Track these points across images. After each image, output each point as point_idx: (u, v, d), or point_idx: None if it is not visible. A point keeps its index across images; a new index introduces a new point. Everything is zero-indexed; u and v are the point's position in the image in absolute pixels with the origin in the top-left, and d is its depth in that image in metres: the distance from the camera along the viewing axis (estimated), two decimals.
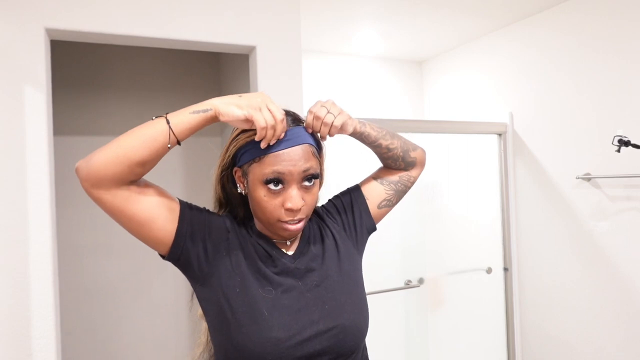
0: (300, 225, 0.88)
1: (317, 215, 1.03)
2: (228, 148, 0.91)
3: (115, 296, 2.24)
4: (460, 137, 2.56)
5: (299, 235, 0.97)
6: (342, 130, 0.92)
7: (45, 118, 1.41)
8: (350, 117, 0.94)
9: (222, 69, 2.39)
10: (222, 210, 0.98)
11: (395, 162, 1.06)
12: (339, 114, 0.91)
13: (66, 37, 1.50)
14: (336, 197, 1.07)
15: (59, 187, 1.57)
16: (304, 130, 0.90)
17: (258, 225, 0.95)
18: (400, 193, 1.08)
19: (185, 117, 0.80)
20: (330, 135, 0.91)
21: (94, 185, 0.78)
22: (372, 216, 1.05)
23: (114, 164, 0.76)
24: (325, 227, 1.00)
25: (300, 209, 0.86)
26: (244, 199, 0.96)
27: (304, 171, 0.85)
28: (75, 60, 2.17)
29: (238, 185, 0.92)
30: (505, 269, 2.55)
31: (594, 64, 2.12)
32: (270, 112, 0.82)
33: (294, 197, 0.85)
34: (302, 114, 1.79)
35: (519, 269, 2.54)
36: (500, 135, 2.54)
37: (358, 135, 0.97)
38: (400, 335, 2.53)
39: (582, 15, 2.16)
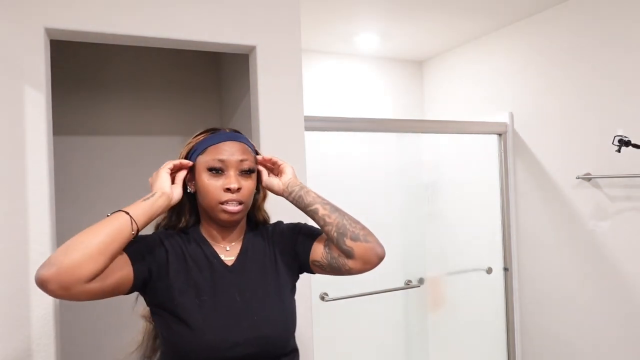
0: (238, 208, 1.01)
1: (268, 230, 1.13)
2: (182, 152, 1.08)
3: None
4: (460, 137, 2.56)
5: (239, 247, 1.07)
6: (278, 170, 1.11)
7: (45, 118, 1.41)
8: (296, 179, 1.09)
9: (222, 68, 2.39)
10: (168, 217, 1.09)
11: (332, 241, 1.04)
12: (285, 164, 1.11)
13: (66, 37, 1.50)
14: (294, 225, 1.14)
15: (58, 187, 1.57)
16: (243, 136, 1.09)
17: (203, 228, 1.07)
18: (334, 270, 1.06)
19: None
20: (261, 160, 1.11)
21: (67, 288, 0.82)
22: (308, 263, 1.09)
23: (90, 261, 0.84)
24: (270, 244, 1.10)
25: (237, 189, 1.00)
26: (193, 205, 1.09)
27: (241, 161, 1.02)
28: (75, 60, 2.17)
29: (188, 186, 1.06)
30: (505, 269, 2.55)
31: (594, 64, 2.12)
32: (166, 165, 1.03)
33: (232, 178, 1.00)
34: (302, 112, 1.79)
35: (519, 269, 2.53)
36: (500, 135, 2.54)
37: (295, 194, 1.07)
38: (400, 335, 2.53)
39: (582, 15, 2.16)
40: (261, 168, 1.10)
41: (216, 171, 1.01)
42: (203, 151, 1.03)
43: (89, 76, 2.21)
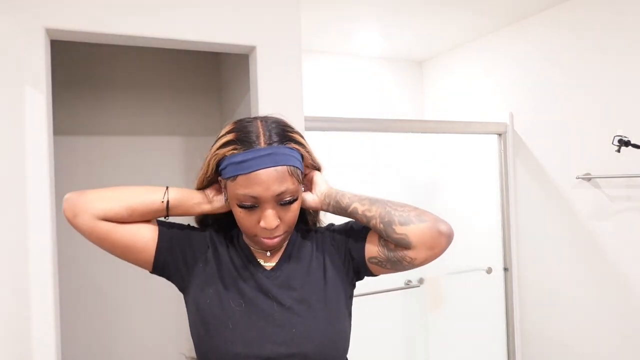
0: (278, 240, 0.88)
1: (318, 233, 0.99)
2: (209, 162, 0.89)
3: (115, 297, 2.24)
4: (460, 137, 2.56)
5: (282, 250, 0.95)
6: (311, 182, 0.96)
7: (45, 118, 1.41)
8: (330, 189, 0.95)
9: (222, 69, 2.39)
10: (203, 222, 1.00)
11: (382, 236, 0.88)
12: (314, 173, 0.96)
13: (66, 37, 1.50)
14: (345, 224, 1.00)
15: (58, 187, 1.58)
16: (287, 149, 0.85)
17: (243, 233, 0.95)
18: (395, 266, 0.89)
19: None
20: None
21: (79, 216, 0.85)
22: (365, 263, 0.94)
23: (116, 207, 0.86)
24: (319, 250, 0.96)
25: (275, 227, 0.85)
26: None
27: (278, 195, 0.83)
28: (75, 60, 2.17)
29: (223, 193, 0.91)
30: (505, 269, 2.55)
31: (594, 64, 2.12)
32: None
33: (268, 217, 0.84)
34: (302, 112, 1.79)
35: (519, 269, 2.54)
36: (500, 135, 2.54)
37: (332, 204, 0.93)
38: (400, 335, 2.53)
39: (582, 15, 2.16)
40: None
41: (249, 206, 0.84)
42: (233, 178, 0.83)
43: (89, 76, 2.21)
